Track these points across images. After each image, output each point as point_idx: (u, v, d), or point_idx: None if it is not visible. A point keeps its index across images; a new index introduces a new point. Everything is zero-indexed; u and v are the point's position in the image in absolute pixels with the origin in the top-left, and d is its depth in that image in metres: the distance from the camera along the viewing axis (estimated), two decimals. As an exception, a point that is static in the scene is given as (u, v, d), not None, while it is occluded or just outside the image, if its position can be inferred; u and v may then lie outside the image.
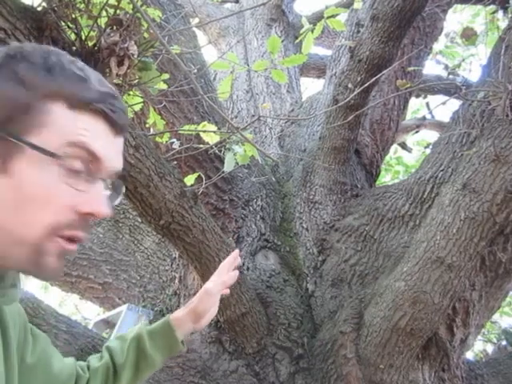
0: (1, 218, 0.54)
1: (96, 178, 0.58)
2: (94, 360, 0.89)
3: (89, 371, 0.86)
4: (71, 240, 0.57)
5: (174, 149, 1.86)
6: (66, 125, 0.56)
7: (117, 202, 0.66)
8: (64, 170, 0.55)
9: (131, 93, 1.44)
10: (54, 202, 0.55)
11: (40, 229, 0.54)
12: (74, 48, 1.27)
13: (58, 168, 0.55)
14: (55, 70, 0.57)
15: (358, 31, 2.86)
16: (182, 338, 0.97)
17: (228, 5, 5.18)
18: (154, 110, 1.66)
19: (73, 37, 1.26)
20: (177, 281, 2.64)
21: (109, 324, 2.74)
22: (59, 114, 0.56)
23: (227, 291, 1.04)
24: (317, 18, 3.26)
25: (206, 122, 1.80)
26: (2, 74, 0.55)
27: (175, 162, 2.10)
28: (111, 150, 0.61)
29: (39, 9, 1.19)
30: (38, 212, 0.54)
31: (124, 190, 0.67)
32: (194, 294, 2.35)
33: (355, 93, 2.13)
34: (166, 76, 1.46)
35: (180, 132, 1.94)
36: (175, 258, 2.73)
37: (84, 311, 5.84)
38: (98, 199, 0.58)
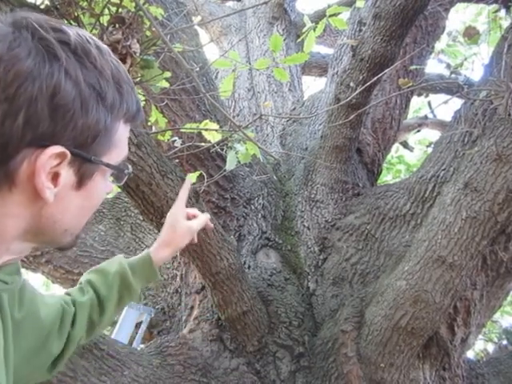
0: (67, 224, 0.60)
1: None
2: (77, 294, 0.92)
3: (74, 306, 0.89)
4: None
5: (176, 147, 1.86)
6: (123, 141, 0.62)
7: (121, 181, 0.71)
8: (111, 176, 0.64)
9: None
10: (99, 202, 0.65)
11: (84, 223, 0.64)
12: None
13: (109, 175, 0.63)
14: (123, 90, 0.58)
15: (360, 30, 2.85)
16: (158, 268, 1.03)
17: (230, 3, 5.18)
18: (156, 108, 1.66)
19: (75, 35, 1.26)
20: (178, 279, 2.64)
21: (110, 322, 2.75)
22: (121, 132, 0.61)
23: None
24: (319, 17, 3.26)
25: (207, 121, 1.80)
26: (89, 96, 0.53)
27: (177, 161, 2.11)
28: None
29: (42, 7, 1.19)
30: (91, 212, 0.64)
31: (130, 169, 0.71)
32: (196, 291, 2.37)
33: (357, 92, 2.12)
34: (167, 74, 1.46)
35: (182, 130, 1.94)
36: (176, 256, 2.73)
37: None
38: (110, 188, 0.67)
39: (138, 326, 2.51)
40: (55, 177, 0.54)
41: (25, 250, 0.61)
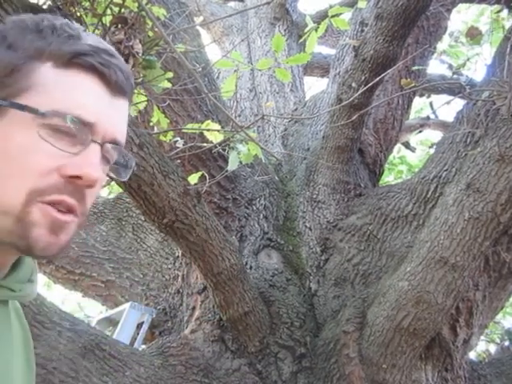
0: None
1: (88, 140, 0.53)
2: None
3: None
4: (60, 209, 0.52)
5: (178, 147, 1.86)
6: (51, 84, 0.53)
7: (124, 176, 0.61)
8: (49, 132, 0.51)
9: (135, 91, 1.44)
10: (35, 163, 0.51)
11: (21, 195, 0.50)
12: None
13: (41, 128, 0.51)
14: (45, 31, 0.55)
15: (362, 30, 2.85)
16: None
17: (231, 3, 5.18)
18: (158, 108, 1.66)
19: (77, 35, 1.26)
20: (180, 279, 2.64)
21: (111, 322, 2.75)
22: (45, 74, 0.53)
23: None
24: (321, 17, 3.26)
25: (209, 121, 1.80)
26: None
27: (179, 161, 2.11)
28: (106, 110, 0.55)
29: (45, 7, 1.19)
30: (18, 176, 0.50)
31: (131, 159, 0.61)
32: (197, 292, 2.37)
33: (359, 92, 2.12)
34: (169, 74, 1.46)
35: (184, 131, 1.94)
36: (178, 256, 2.74)
37: (87, 309, 5.86)
38: (87, 161, 0.52)
39: (139, 326, 2.51)
40: None
41: None
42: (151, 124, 1.85)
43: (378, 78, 2.02)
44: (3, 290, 0.56)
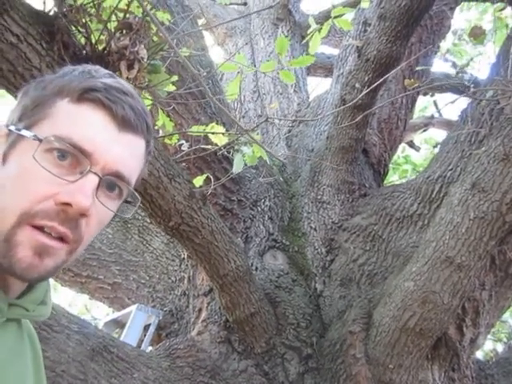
0: None
1: (85, 170, 0.55)
2: None
3: None
4: (49, 233, 0.53)
5: (183, 150, 1.87)
6: (61, 116, 0.57)
7: (128, 213, 0.64)
8: (50, 159, 0.54)
9: (141, 95, 1.45)
10: (31, 187, 0.53)
11: (13, 215, 0.52)
12: (85, 52, 1.28)
13: (42, 155, 0.53)
14: (71, 73, 0.60)
15: (366, 30, 2.85)
16: None
17: (234, 5, 5.19)
18: (163, 111, 1.67)
19: (83, 41, 1.28)
20: (186, 281, 2.65)
21: (118, 324, 2.77)
22: (60, 108, 0.57)
23: None
24: (324, 18, 3.26)
25: (214, 124, 1.80)
26: (34, 87, 0.62)
27: (184, 164, 2.12)
28: (109, 143, 0.57)
29: (50, 14, 1.20)
30: (14, 198, 0.52)
31: (137, 199, 0.62)
32: (203, 294, 2.37)
33: (363, 92, 2.12)
34: (174, 78, 1.47)
35: (188, 133, 1.95)
36: (184, 258, 2.75)
37: (93, 311, 5.88)
38: (79, 189, 0.53)
39: (146, 328, 2.52)
40: None
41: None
42: (156, 127, 1.86)
43: (382, 79, 2.03)
44: (18, 308, 0.58)
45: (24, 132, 0.56)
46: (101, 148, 0.56)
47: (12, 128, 0.57)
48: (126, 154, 0.59)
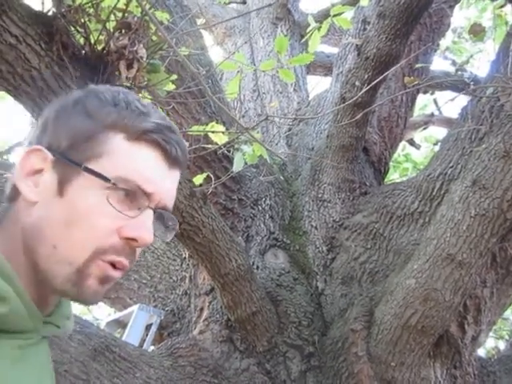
0: (53, 238, 0.57)
1: (144, 206, 0.59)
2: None
3: None
4: (114, 265, 0.59)
5: (183, 150, 1.86)
6: (121, 155, 0.60)
7: (169, 237, 0.67)
8: (114, 196, 0.58)
9: (140, 95, 1.45)
10: (101, 224, 0.57)
11: (87, 252, 0.57)
12: (84, 52, 1.28)
13: (107, 192, 0.57)
14: (120, 106, 0.62)
15: (365, 29, 2.85)
16: None
17: (233, 4, 5.19)
18: (163, 111, 1.67)
19: (82, 41, 1.28)
20: (187, 280, 2.65)
21: (120, 324, 2.77)
22: (117, 144, 0.60)
23: None
24: (323, 16, 3.26)
25: (214, 123, 1.80)
26: (75, 109, 0.62)
27: (184, 163, 2.11)
28: (163, 181, 0.62)
29: (49, 14, 1.20)
30: (84, 234, 0.57)
31: (176, 223, 0.67)
32: (205, 293, 2.38)
33: (363, 91, 2.12)
34: (173, 77, 1.47)
35: (188, 133, 1.95)
36: (185, 257, 2.75)
37: (95, 312, 5.89)
38: (143, 225, 0.58)
39: (148, 328, 2.52)
40: (38, 177, 0.59)
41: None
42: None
43: (381, 77, 2.02)
44: (51, 326, 0.62)
45: (86, 168, 0.58)
46: (157, 188, 0.61)
47: (66, 161, 0.59)
48: (173, 188, 0.66)
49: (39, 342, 0.60)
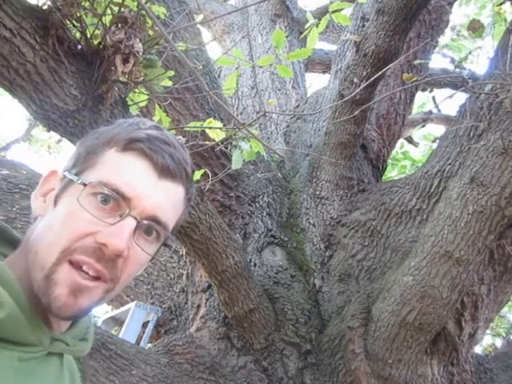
0: (36, 245, 0.58)
1: (125, 213, 0.59)
2: None
3: None
4: (85, 272, 0.56)
5: (180, 146, 1.85)
6: (108, 163, 0.62)
7: (150, 250, 0.64)
8: (93, 202, 0.58)
9: (137, 90, 1.44)
10: (74, 227, 0.57)
11: (55, 253, 0.56)
12: (80, 46, 1.27)
13: (86, 199, 0.58)
14: (121, 125, 0.66)
15: (364, 25, 2.84)
16: None
17: (232, 1, 5.17)
18: (160, 107, 1.66)
19: (78, 35, 1.26)
20: (184, 278, 2.65)
21: (117, 321, 2.76)
22: (108, 155, 0.62)
23: None
24: (321, 13, 3.25)
25: (211, 119, 1.79)
26: (92, 136, 0.69)
27: (181, 159, 2.10)
28: (149, 189, 0.61)
29: (44, 8, 1.19)
30: (56, 237, 0.57)
31: (173, 242, 0.68)
32: (202, 290, 2.37)
33: (361, 87, 2.11)
34: (171, 73, 1.46)
35: (186, 129, 1.94)
36: (182, 254, 2.74)
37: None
38: (117, 233, 0.57)
39: (145, 325, 2.52)
40: (49, 195, 0.64)
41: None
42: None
43: (379, 73, 2.02)
44: (60, 343, 0.61)
45: (72, 177, 0.61)
46: (140, 194, 0.60)
47: (66, 174, 0.63)
48: (163, 199, 0.63)
49: (48, 358, 0.60)
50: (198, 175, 1.93)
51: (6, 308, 0.52)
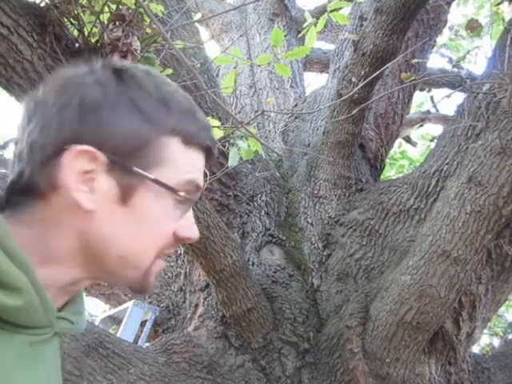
0: (120, 248, 0.56)
1: (192, 205, 0.62)
2: None
3: None
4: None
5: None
6: (181, 162, 0.59)
7: None
8: (176, 203, 0.59)
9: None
10: (164, 229, 0.59)
11: (152, 255, 0.58)
12: (77, 44, 1.27)
13: (172, 200, 0.58)
14: (171, 106, 0.59)
15: (362, 24, 2.84)
16: None
17: (230, 0, 5.16)
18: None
19: (76, 33, 1.26)
20: (182, 277, 2.64)
21: (115, 320, 2.76)
22: (173, 151, 0.59)
23: None
24: (320, 12, 3.24)
25: (209, 118, 1.79)
26: (121, 103, 0.56)
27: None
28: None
29: (42, 5, 1.19)
30: (151, 240, 0.58)
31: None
32: (200, 289, 2.37)
33: (359, 87, 2.11)
34: (169, 71, 1.45)
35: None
36: (180, 254, 2.74)
37: (90, 308, 5.87)
38: (192, 224, 0.61)
39: (143, 324, 2.52)
40: (88, 181, 0.54)
41: (74, 281, 0.57)
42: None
43: (377, 72, 2.02)
44: (65, 322, 0.58)
45: (146, 174, 0.56)
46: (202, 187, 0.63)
47: (134, 169, 0.56)
48: None
49: (52, 338, 0.57)
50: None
51: (26, 295, 0.49)
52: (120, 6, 1.20)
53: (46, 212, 0.55)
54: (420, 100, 5.96)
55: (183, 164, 0.59)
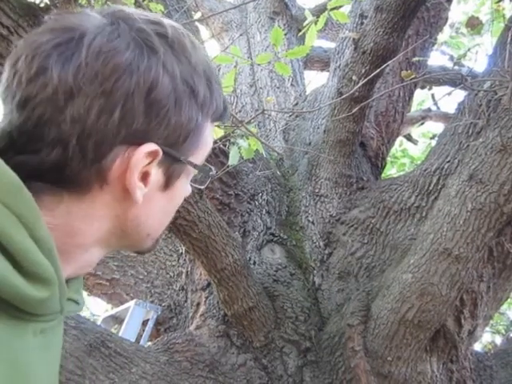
0: (148, 225, 0.57)
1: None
2: None
3: None
4: None
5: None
6: (209, 140, 0.59)
7: None
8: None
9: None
10: (179, 204, 0.62)
11: (164, 228, 0.61)
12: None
13: (190, 178, 0.61)
14: (213, 86, 0.56)
15: (362, 23, 2.84)
16: None
17: (230, -1, 5.16)
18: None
19: (76, 33, 1.26)
20: (184, 276, 2.65)
21: (117, 320, 2.76)
22: (209, 132, 0.58)
23: None
24: (320, 11, 3.24)
25: (210, 117, 1.79)
26: (186, 94, 0.52)
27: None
28: None
29: (42, 5, 1.19)
30: (170, 217, 0.61)
31: None
32: (202, 288, 2.37)
33: (359, 85, 2.11)
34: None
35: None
36: (182, 253, 2.74)
37: (92, 307, 5.88)
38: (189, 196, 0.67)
39: (144, 323, 2.52)
40: (145, 176, 0.52)
41: (94, 261, 0.56)
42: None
43: (378, 70, 2.01)
44: (71, 303, 0.55)
45: (190, 164, 0.56)
46: None
47: (185, 158, 0.55)
48: None
49: (59, 323, 0.54)
50: (196, 173, 1.93)
51: (53, 287, 0.46)
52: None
53: (78, 203, 0.50)
54: (421, 98, 5.95)
55: (210, 142, 0.59)
